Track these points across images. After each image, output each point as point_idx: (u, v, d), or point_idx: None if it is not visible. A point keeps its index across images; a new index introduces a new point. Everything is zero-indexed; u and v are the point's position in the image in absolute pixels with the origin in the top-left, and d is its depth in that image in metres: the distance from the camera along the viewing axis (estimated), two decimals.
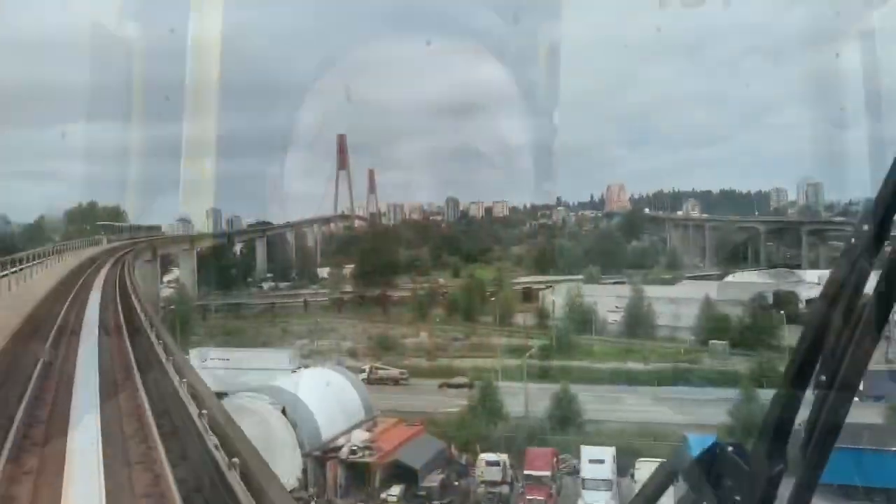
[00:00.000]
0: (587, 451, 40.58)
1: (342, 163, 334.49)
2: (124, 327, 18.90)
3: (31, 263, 28.42)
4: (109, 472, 7.20)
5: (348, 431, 40.85)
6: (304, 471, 36.95)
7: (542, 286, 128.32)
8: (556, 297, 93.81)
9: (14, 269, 25.00)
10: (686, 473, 2.30)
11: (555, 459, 42.43)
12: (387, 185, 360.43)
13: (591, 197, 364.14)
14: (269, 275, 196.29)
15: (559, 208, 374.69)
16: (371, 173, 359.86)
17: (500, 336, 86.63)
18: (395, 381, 70.41)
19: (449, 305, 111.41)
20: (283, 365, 55.61)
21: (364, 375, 69.13)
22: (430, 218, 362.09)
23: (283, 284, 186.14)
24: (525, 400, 56.29)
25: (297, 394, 39.36)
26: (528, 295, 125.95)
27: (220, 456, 6.80)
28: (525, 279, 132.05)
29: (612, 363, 72.37)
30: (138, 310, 21.41)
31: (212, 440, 7.34)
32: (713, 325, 76.83)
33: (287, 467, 32.01)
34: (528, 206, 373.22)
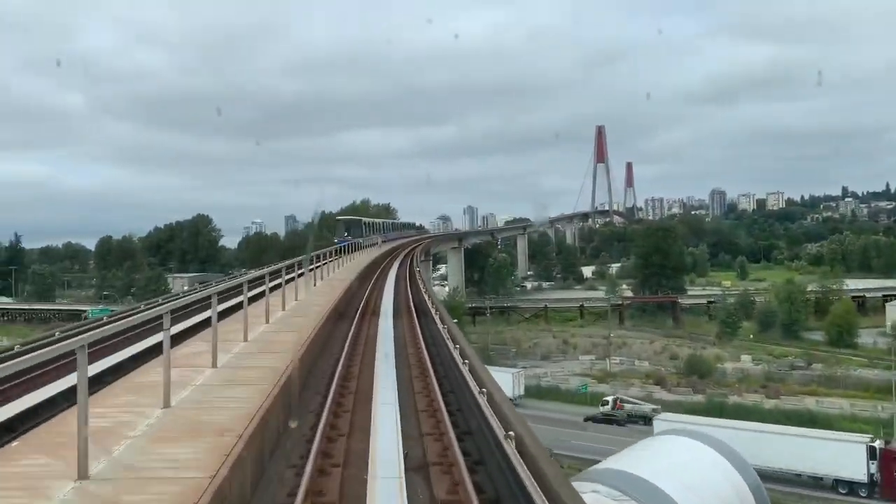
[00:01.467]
0: None
1: (600, 156, 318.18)
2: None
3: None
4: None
5: None
6: None
7: (880, 295, 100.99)
8: None
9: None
10: None
11: None
12: (642, 179, 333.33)
13: (887, 186, 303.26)
14: (529, 273, 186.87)
15: (847, 199, 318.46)
16: (629, 166, 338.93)
17: (859, 365, 64.68)
18: (647, 420, 53.79)
19: (761, 317, 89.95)
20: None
21: (606, 408, 54.38)
22: (692, 213, 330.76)
23: (545, 284, 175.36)
24: None
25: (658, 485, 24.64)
26: (864, 306, 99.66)
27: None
28: (857, 286, 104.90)
29: None
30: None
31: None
32: None
33: None
34: (806, 197, 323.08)
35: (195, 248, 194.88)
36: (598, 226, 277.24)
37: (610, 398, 57.43)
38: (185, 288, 52.62)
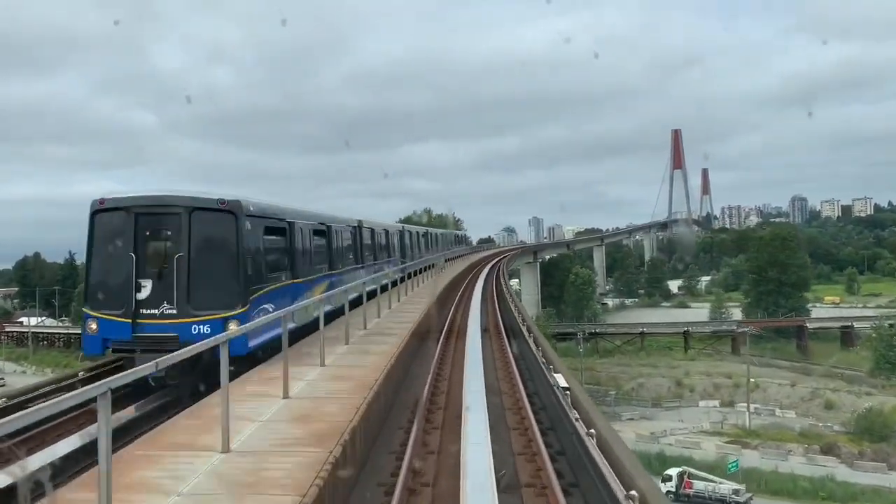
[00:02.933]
0: None
1: (677, 161, 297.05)
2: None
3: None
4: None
5: None
6: None
7: None
8: None
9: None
10: None
11: None
12: (718, 187, 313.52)
13: None
14: (608, 288, 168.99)
15: None
16: (705, 173, 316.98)
17: None
18: None
19: None
20: None
21: (669, 485, 39.85)
22: (771, 220, 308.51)
23: (629, 301, 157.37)
24: None
25: None
26: None
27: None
28: None
29: None
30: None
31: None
32: None
33: None
34: (895, 202, 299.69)
35: None
36: (685, 235, 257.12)
37: (674, 472, 41.75)
38: None
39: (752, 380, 61.28)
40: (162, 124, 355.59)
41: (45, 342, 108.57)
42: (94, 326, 11.04)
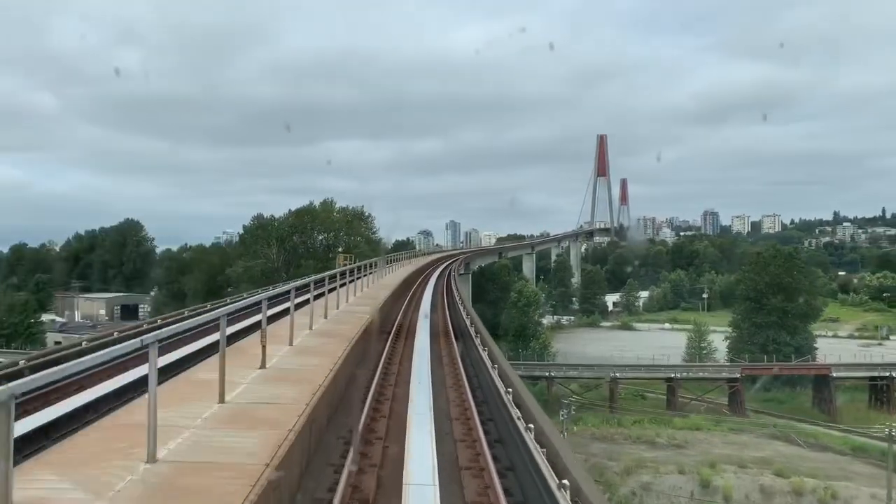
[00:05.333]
0: None
1: (601, 168, 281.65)
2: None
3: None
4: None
5: None
6: None
7: None
8: None
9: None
10: None
11: None
12: (633, 198, 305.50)
13: (883, 211, 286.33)
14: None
15: (846, 224, 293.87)
16: (623, 183, 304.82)
17: None
18: None
19: None
20: None
21: None
22: (681, 234, 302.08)
23: (565, 319, 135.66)
24: None
25: None
26: None
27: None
28: None
29: None
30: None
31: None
32: None
33: None
34: (797, 220, 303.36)
35: (120, 261, 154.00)
36: (604, 245, 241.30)
37: None
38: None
39: (824, 485, 38.67)
40: (62, 107, 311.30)
41: None
42: None
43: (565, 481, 5.96)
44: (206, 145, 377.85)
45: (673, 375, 62.58)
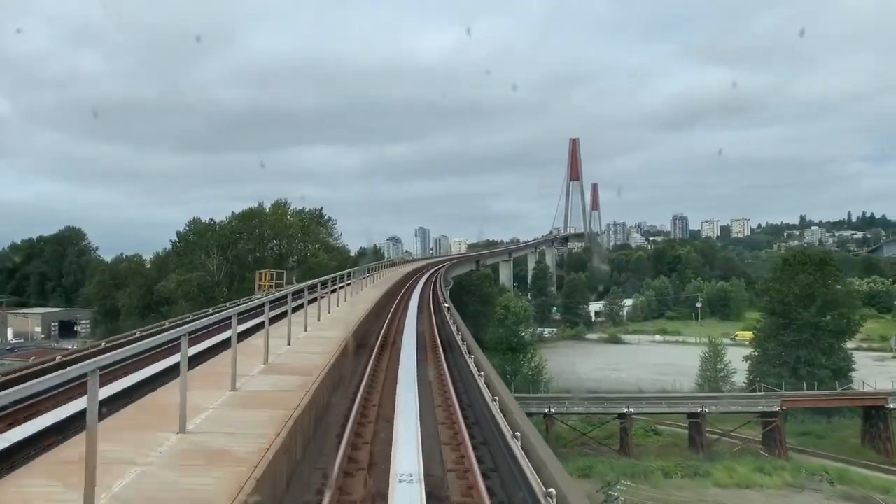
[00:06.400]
0: None
1: (574, 173, 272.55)
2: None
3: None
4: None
5: None
6: None
7: None
8: None
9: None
10: None
11: None
12: (604, 203, 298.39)
13: (849, 215, 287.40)
14: None
15: (814, 228, 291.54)
16: (594, 188, 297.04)
17: None
18: None
19: None
20: None
21: None
22: (649, 239, 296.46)
23: (547, 332, 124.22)
24: None
25: None
26: None
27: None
28: None
29: None
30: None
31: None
32: None
33: None
34: (764, 224, 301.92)
35: (59, 272, 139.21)
36: (577, 250, 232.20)
37: None
38: None
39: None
40: (18, 112, 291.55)
41: None
42: None
43: None
44: (170, 151, 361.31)
45: (700, 410, 51.41)
